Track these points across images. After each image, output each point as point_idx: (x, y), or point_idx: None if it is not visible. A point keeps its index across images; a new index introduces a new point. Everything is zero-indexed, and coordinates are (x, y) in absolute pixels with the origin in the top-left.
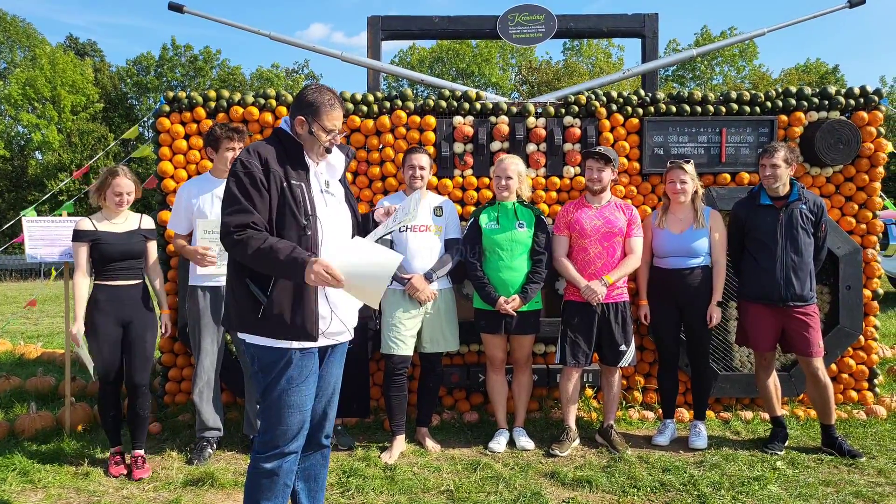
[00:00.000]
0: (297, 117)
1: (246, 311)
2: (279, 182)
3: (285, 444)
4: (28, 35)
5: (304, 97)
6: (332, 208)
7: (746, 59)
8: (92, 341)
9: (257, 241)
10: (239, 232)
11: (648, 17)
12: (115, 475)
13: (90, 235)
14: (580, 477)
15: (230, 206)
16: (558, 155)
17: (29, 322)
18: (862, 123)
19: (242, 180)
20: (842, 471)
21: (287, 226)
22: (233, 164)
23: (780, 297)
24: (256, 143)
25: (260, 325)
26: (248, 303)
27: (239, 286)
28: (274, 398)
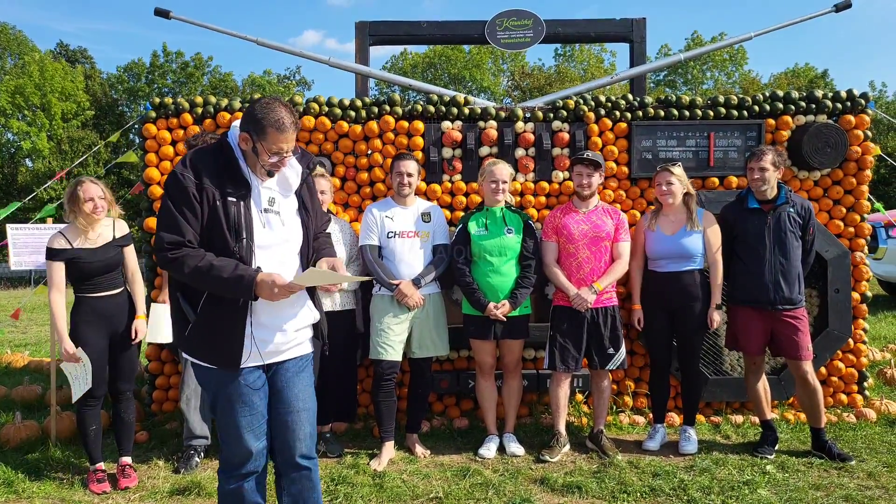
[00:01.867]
0: (242, 133)
1: (178, 327)
2: (211, 198)
3: (242, 465)
4: (18, 42)
5: (253, 112)
6: (273, 230)
7: (736, 64)
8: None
9: (194, 258)
10: (173, 250)
11: (636, 22)
12: (95, 492)
13: (65, 254)
14: (570, 482)
15: (164, 220)
16: (547, 160)
17: (17, 330)
18: (849, 127)
19: (174, 195)
20: (832, 474)
21: (215, 246)
22: (169, 176)
23: (768, 301)
24: (196, 152)
25: (188, 343)
26: (179, 318)
27: (173, 300)
28: (221, 418)
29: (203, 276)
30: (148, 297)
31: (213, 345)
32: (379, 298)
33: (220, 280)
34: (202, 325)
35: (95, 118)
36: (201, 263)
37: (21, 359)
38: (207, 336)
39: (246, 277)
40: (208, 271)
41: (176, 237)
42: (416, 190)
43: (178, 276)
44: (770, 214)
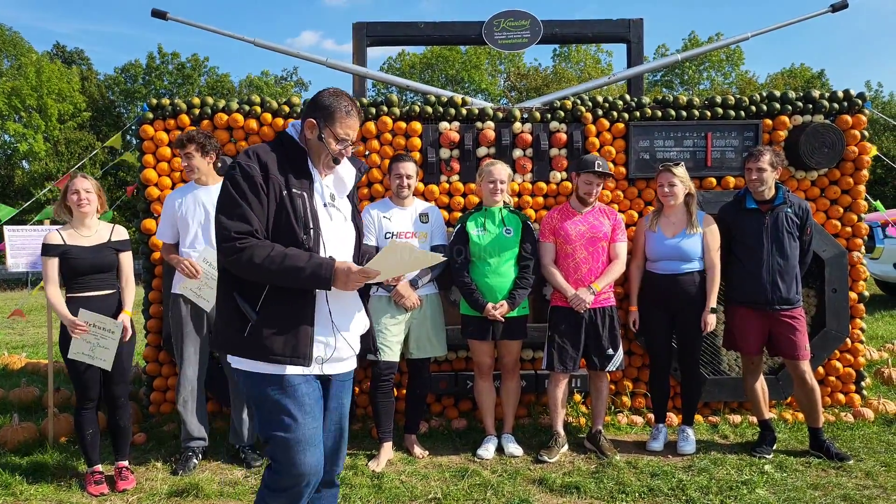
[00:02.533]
0: (308, 120)
1: (232, 329)
2: (278, 189)
3: (302, 486)
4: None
5: (320, 99)
6: (336, 224)
7: (733, 65)
8: (70, 362)
9: (264, 248)
10: (242, 240)
11: (633, 23)
12: (93, 494)
13: (59, 249)
14: (569, 483)
15: (231, 209)
16: (544, 160)
17: (14, 332)
18: (846, 127)
19: (241, 184)
20: (830, 474)
21: (283, 238)
22: (229, 167)
23: (766, 301)
24: (256, 147)
25: (246, 346)
26: (235, 320)
27: (226, 301)
28: (278, 435)
29: (276, 265)
30: (146, 298)
31: (281, 339)
32: (376, 299)
33: (296, 269)
34: (265, 322)
35: (92, 119)
36: (273, 253)
37: (18, 360)
38: (273, 332)
39: (324, 265)
40: (282, 260)
41: (245, 226)
42: (414, 191)
43: (246, 268)
44: (768, 215)
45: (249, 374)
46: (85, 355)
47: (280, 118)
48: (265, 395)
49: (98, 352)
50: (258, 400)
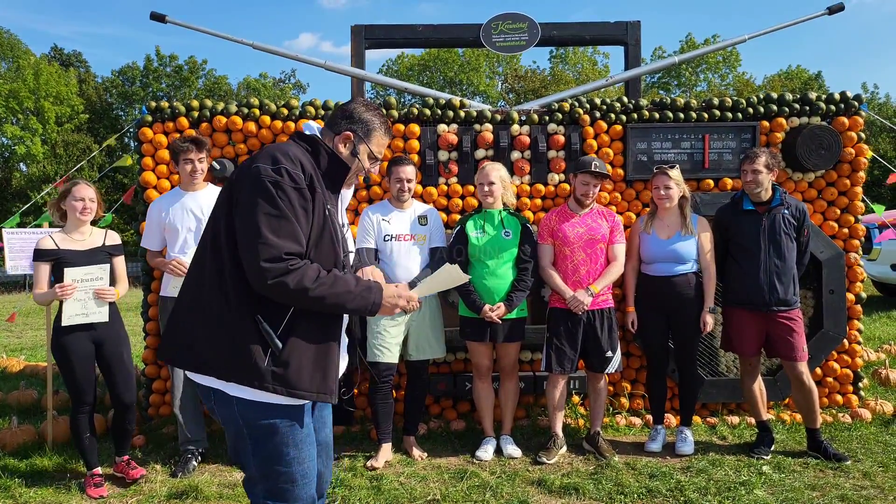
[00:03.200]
0: (345, 132)
1: (244, 355)
2: (322, 205)
3: None
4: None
5: (358, 112)
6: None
7: (730, 66)
8: (64, 364)
9: (314, 270)
10: (293, 262)
11: (631, 25)
12: (93, 497)
13: (52, 254)
14: (567, 484)
15: (279, 225)
16: (543, 162)
17: (12, 335)
18: (843, 129)
19: (291, 196)
20: (827, 474)
21: (323, 261)
22: (274, 172)
23: (763, 302)
24: (293, 150)
25: (264, 376)
26: (250, 347)
27: (238, 323)
28: (282, 470)
29: (327, 289)
30: (145, 300)
31: (308, 372)
32: None
33: (347, 294)
34: (294, 351)
35: (90, 122)
36: (322, 276)
37: (17, 363)
38: (299, 363)
39: (373, 287)
40: (333, 284)
41: (295, 246)
42: (413, 193)
43: (293, 293)
44: (765, 216)
45: (253, 404)
46: (79, 315)
47: (279, 121)
48: (272, 428)
49: (90, 306)
50: (259, 431)
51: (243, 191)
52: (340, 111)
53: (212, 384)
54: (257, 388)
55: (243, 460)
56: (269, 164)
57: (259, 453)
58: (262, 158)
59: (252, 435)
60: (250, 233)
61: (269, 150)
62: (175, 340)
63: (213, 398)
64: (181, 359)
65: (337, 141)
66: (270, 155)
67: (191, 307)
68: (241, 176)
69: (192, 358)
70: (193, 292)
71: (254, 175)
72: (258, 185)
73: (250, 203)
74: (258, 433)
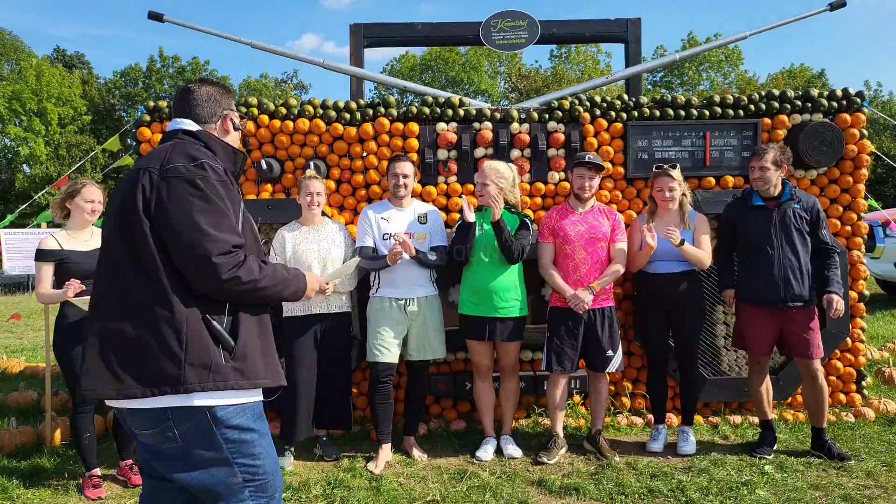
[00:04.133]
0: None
1: (205, 359)
2: (239, 198)
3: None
4: (15, 48)
5: (215, 92)
6: None
7: (732, 65)
8: (65, 363)
9: (255, 262)
10: (239, 254)
11: (631, 23)
12: (91, 498)
13: (56, 255)
14: (568, 484)
15: (217, 220)
16: (542, 160)
17: (13, 336)
18: (845, 126)
19: (219, 190)
20: (830, 474)
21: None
22: (197, 168)
23: (779, 298)
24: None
25: (226, 375)
26: (207, 349)
27: (190, 328)
28: (260, 464)
29: (270, 279)
30: None
31: (261, 359)
32: (377, 300)
33: (284, 281)
34: (248, 344)
35: (92, 123)
36: (263, 267)
37: (17, 364)
38: (253, 354)
39: (299, 274)
40: (273, 274)
41: (239, 239)
42: (412, 192)
43: (244, 285)
44: (775, 212)
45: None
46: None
47: (277, 120)
48: (246, 426)
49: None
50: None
51: (168, 193)
52: (199, 100)
53: (167, 403)
54: (222, 389)
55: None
56: (188, 161)
57: (239, 455)
58: (177, 159)
59: (229, 439)
60: (191, 232)
61: (176, 152)
62: (111, 374)
63: (168, 418)
64: (124, 390)
65: (221, 128)
66: (183, 153)
67: (120, 331)
68: (154, 181)
69: (138, 383)
70: (118, 314)
71: (176, 174)
72: (185, 184)
73: (183, 203)
74: (235, 435)
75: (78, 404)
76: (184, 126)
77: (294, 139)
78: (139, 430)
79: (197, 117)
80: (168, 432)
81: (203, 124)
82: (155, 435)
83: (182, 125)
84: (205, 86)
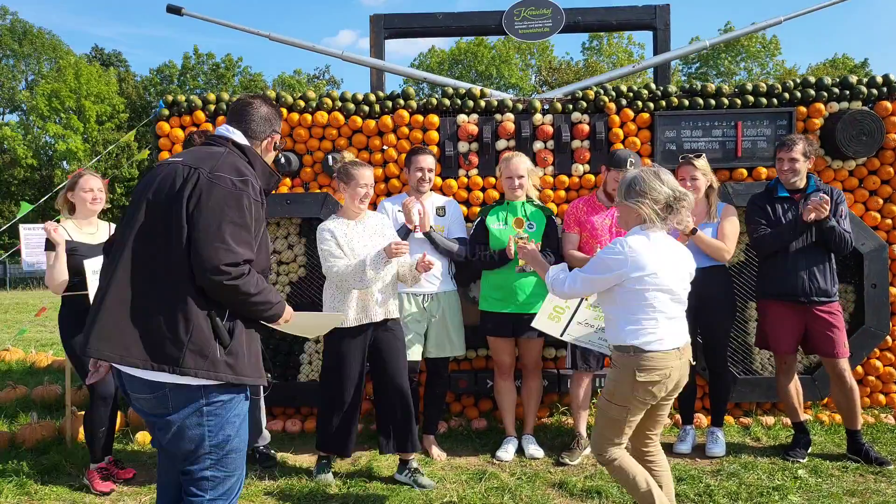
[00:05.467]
0: (270, 137)
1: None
2: (265, 217)
3: (240, 488)
4: (54, 47)
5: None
6: None
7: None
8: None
9: (256, 278)
10: (246, 268)
11: (660, 9)
12: (104, 491)
13: (66, 245)
14: (590, 487)
15: (240, 235)
16: (566, 152)
17: (45, 329)
18: (885, 114)
19: (253, 208)
20: (868, 479)
21: (261, 265)
22: (242, 184)
23: (803, 293)
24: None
25: (217, 366)
26: (207, 341)
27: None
28: (232, 444)
29: (262, 297)
30: None
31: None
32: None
33: (270, 304)
34: (237, 343)
35: (129, 120)
36: (261, 284)
37: (45, 358)
38: (243, 353)
39: (283, 303)
40: (267, 293)
41: (251, 254)
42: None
43: (239, 294)
44: (801, 204)
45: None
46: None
47: (296, 113)
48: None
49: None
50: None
51: (209, 197)
52: (256, 116)
53: (165, 379)
54: (213, 379)
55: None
56: (236, 175)
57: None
58: (226, 169)
59: (211, 413)
60: (214, 237)
61: (226, 162)
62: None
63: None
64: (128, 357)
65: (265, 147)
66: (233, 166)
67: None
68: (202, 182)
69: (143, 355)
70: (142, 291)
71: (222, 183)
72: (227, 195)
73: (218, 210)
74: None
75: (97, 398)
76: (235, 137)
77: (312, 132)
78: (135, 393)
79: (249, 132)
80: (163, 401)
81: (251, 139)
82: (150, 400)
83: (233, 136)
84: (264, 105)
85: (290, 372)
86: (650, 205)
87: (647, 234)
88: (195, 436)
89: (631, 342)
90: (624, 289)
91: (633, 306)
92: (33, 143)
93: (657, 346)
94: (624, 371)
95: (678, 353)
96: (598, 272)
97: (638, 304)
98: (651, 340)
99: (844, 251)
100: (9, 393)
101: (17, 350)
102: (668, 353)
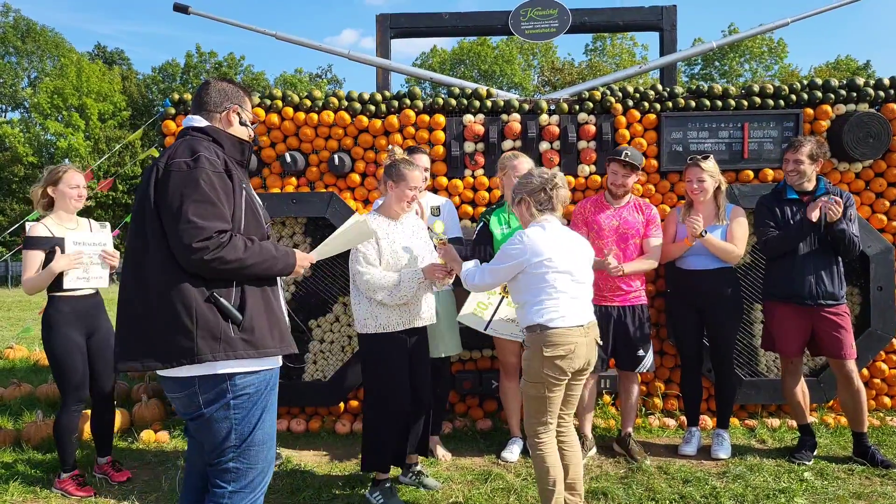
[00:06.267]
0: (231, 109)
1: (213, 332)
2: (240, 186)
3: (264, 483)
4: (57, 45)
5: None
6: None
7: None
8: (64, 357)
9: (241, 241)
10: (223, 237)
11: (666, 10)
12: (87, 495)
13: (49, 243)
14: (595, 488)
15: (205, 210)
16: (572, 153)
17: None
18: (892, 116)
19: (213, 181)
20: (874, 482)
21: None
22: (194, 161)
23: (810, 295)
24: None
25: (235, 346)
26: (217, 322)
27: (201, 306)
28: (257, 435)
29: (257, 256)
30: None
31: (269, 331)
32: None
33: (273, 259)
34: (254, 316)
35: (132, 118)
36: (249, 245)
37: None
38: (260, 327)
39: (289, 252)
40: (260, 251)
41: (225, 225)
42: (437, 185)
43: (230, 263)
44: (809, 206)
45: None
46: (81, 279)
47: (301, 112)
48: (254, 395)
49: (93, 271)
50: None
51: (167, 185)
52: (211, 93)
53: (193, 372)
54: (233, 359)
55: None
56: (187, 155)
57: (238, 421)
58: (179, 153)
59: (238, 406)
60: (179, 221)
61: (180, 147)
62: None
63: (195, 385)
64: (148, 362)
65: (225, 120)
66: (187, 148)
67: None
68: (160, 175)
69: (160, 356)
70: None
71: (176, 169)
72: (182, 178)
73: (177, 194)
74: (242, 400)
75: (70, 402)
76: (193, 123)
77: (318, 132)
78: (171, 392)
79: (206, 112)
80: (193, 398)
81: (210, 115)
82: (182, 398)
83: (192, 122)
84: (219, 83)
85: (294, 372)
86: (527, 199)
87: (542, 226)
88: (222, 428)
89: (537, 321)
90: (527, 274)
91: (536, 289)
92: (34, 140)
93: (560, 322)
94: (533, 349)
95: (583, 330)
96: (501, 262)
97: (539, 286)
98: (554, 318)
99: (853, 255)
100: (13, 391)
101: (21, 348)
102: (571, 330)
